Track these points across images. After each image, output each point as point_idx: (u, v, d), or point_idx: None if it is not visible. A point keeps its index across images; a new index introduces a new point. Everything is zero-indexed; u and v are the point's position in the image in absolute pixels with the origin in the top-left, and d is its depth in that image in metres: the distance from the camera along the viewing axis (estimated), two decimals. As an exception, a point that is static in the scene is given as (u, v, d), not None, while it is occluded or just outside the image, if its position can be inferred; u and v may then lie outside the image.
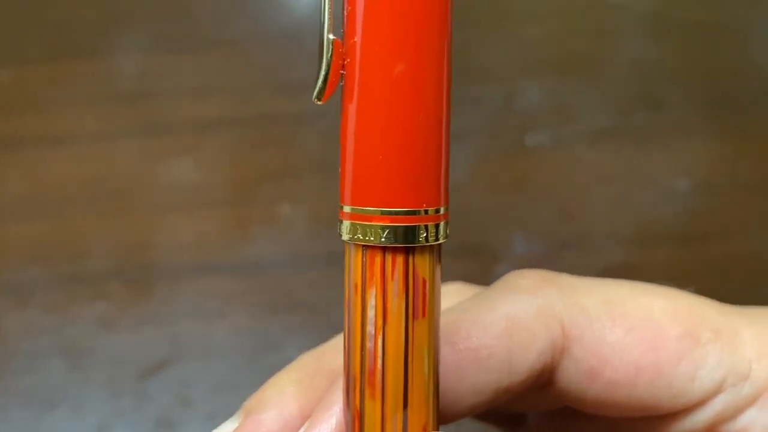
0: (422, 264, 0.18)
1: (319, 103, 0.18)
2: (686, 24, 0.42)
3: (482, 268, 0.38)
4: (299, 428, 0.21)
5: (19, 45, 0.40)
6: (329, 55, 0.18)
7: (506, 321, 0.22)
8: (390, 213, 0.18)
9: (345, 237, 0.18)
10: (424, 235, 0.18)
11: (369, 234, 0.18)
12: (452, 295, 0.25)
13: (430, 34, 0.18)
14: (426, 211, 0.18)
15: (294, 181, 0.38)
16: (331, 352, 0.23)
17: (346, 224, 0.18)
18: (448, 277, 0.37)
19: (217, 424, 0.35)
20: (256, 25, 0.41)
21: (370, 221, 0.18)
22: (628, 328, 0.22)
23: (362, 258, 0.18)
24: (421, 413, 0.19)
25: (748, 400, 0.22)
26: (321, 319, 0.36)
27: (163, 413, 0.35)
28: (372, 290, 0.18)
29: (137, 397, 0.35)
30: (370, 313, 0.18)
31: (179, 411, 0.35)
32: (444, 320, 0.21)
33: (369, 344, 0.18)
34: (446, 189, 0.19)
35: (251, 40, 0.41)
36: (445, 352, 0.21)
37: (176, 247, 0.37)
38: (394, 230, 0.18)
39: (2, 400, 0.35)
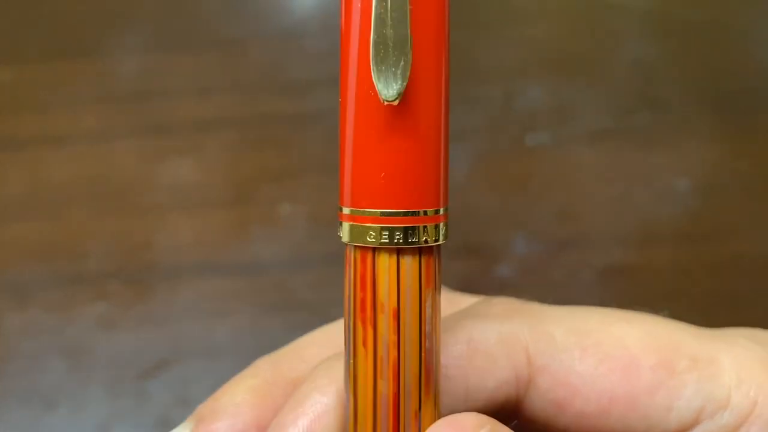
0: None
1: (394, 103, 0.18)
2: (686, 24, 0.42)
3: (482, 268, 0.38)
4: None
5: (19, 45, 0.40)
6: (408, 51, 0.17)
7: (467, 345, 0.21)
8: (439, 212, 0.18)
9: (379, 241, 0.18)
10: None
11: (426, 234, 0.18)
12: None
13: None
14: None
15: (294, 181, 0.38)
16: (288, 360, 0.22)
17: (395, 229, 0.18)
18: (447, 278, 0.37)
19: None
20: (256, 25, 0.41)
21: (429, 222, 0.18)
22: (600, 357, 0.21)
23: (419, 260, 0.18)
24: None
25: (729, 429, 0.22)
26: (321, 319, 0.36)
27: (163, 413, 0.35)
28: (429, 290, 0.18)
29: (137, 397, 0.35)
30: (428, 312, 0.18)
31: (179, 411, 0.35)
32: None
33: (428, 344, 0.18)
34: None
35: (251, 40, 0.41)
36: None
37: (176, 247, 0.37)
38: (444, 228, 0.18)
39: (2, 400, 0.35)
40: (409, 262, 0.18)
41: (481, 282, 0.37)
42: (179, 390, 0.35)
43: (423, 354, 0.18)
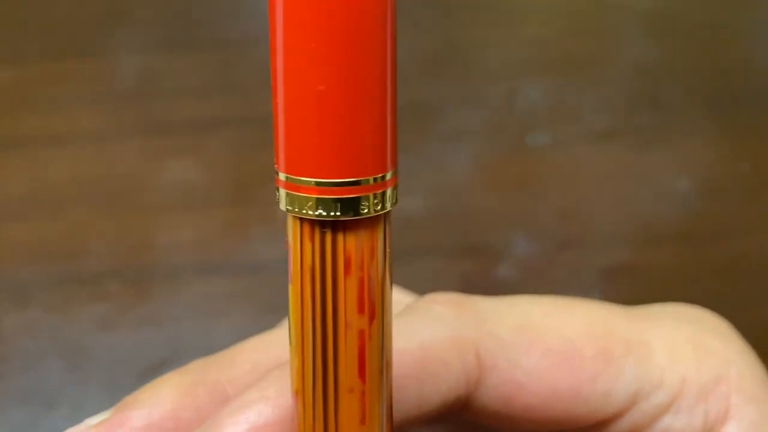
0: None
1: None
2: (687, 24, 0.42)
3: (482, 269, 0.38)
4: (166, 431, 0.21)
5: (19, 45, 0.40)
6: None
7: (420, 351, 0.21)
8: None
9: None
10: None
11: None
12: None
13: None
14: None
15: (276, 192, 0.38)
16: (220, 362, 0.22)
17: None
18: (447, 278, 0.38)
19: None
20: (256, 25, 0.41)
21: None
22: (543, 351, 0.22)
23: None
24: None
25: (663, 408, 0.22)
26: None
27: (163, 413, 0.35)
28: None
29: (137, 397, 0.35)
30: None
31: (179, 411, 0.35)
32: None
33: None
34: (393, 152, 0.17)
35: (251, 40, 0.41)
36: None
37: (176, 247, 0.37)
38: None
39: (1, 400, 0.35)
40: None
41: (481, 282, 0.37)
42: (179, 390, 0.35)
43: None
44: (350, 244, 0.17)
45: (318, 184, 0.16)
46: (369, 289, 0.17)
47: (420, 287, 0.27)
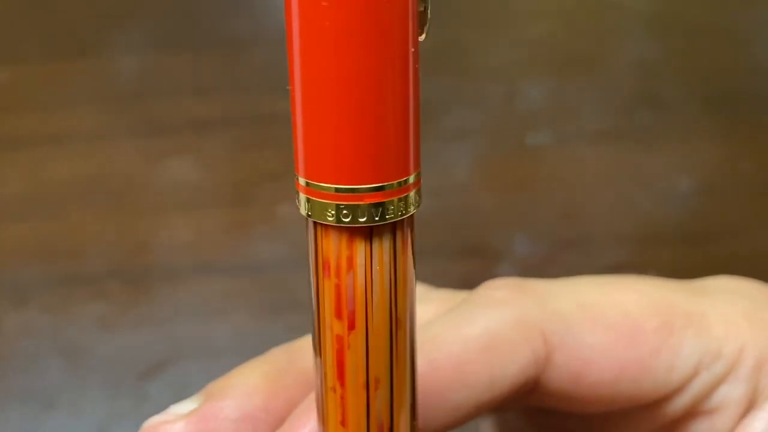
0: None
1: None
2: (688, 24, 0.42)
3: (482, 268, 0.38)
4: (259, 422, 0.21)
5: (19, 45, 0.40)
6: None
7: (487, 336, 0.21)
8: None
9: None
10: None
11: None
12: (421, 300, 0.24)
13: None
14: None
15: (294, 181, 0.38)
16: (304, 350, 0.22)
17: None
18: (448, 278, 0.37)
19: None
20: (256, 25, 0.41)
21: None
22: (607, 327, 0.22)
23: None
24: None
25: (722, 377, 0.23)
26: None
27: (162, 413, 0.35)
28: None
29: (137, 397, 0.35)
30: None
31: (179, 411, 0.35)
32: (421, 336, 0.20)
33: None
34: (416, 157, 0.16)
35: (251, 40, 0.41)
36: (425, 370, 0.20)
37: (176, 247, 0.37)
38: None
39: (1, 400, 0.35)
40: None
41: (481, 282, 0.37)
42: (179, 390, 0.35)
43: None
44: (327, 247, 0.16)
45: (337, 190, 0.16)
46: (347, 297, 0.16)
47: (420, 287, 0.27)
